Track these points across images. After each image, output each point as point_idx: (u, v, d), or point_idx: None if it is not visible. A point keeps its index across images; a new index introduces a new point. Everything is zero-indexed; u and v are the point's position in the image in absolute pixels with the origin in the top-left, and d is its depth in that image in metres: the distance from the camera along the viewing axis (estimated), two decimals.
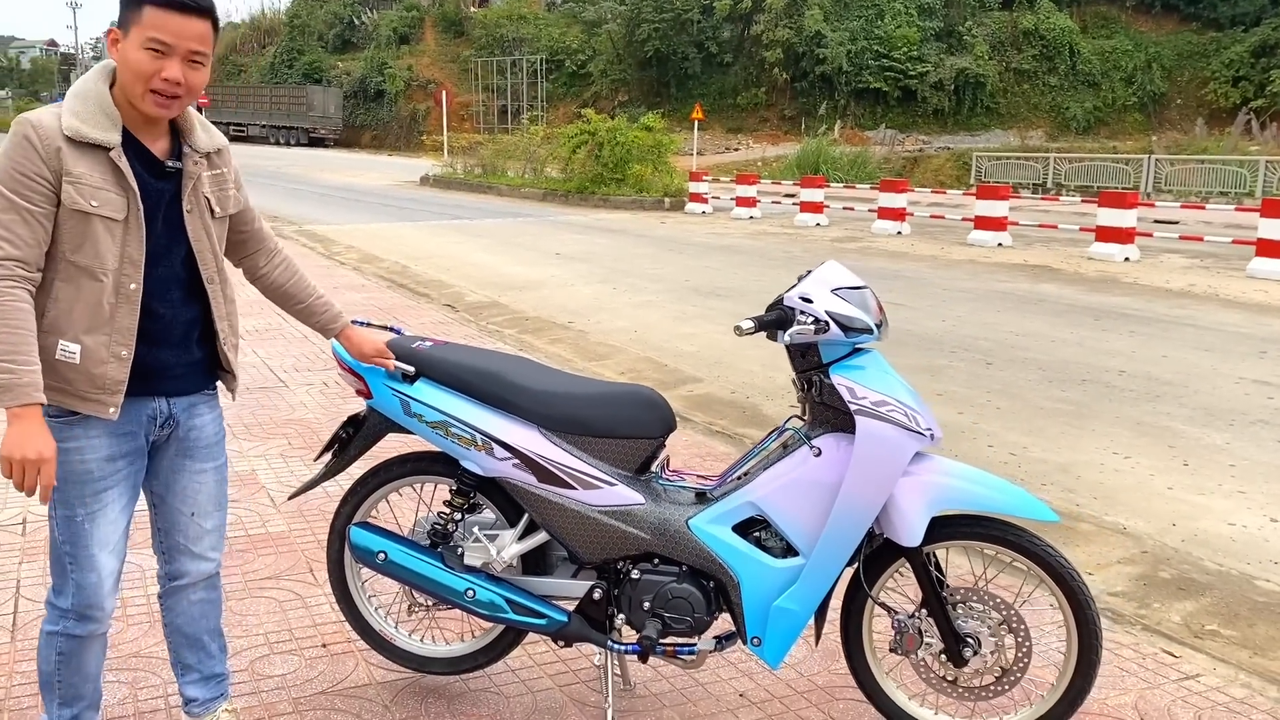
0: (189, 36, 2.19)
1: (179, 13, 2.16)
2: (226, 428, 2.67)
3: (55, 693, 2.49)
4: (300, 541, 4.14)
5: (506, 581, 2.87)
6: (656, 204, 22.46)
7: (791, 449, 2.72)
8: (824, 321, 2.56)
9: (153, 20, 2.15)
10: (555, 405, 2.78)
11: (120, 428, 2.35)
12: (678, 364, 7.83)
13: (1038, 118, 39.40)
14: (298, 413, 6.01)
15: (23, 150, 2.17)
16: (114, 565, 2.41)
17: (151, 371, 2.36)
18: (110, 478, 2.36)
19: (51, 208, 2.19)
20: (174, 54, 2.19)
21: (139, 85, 2.20)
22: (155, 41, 2.17)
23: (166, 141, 2.34)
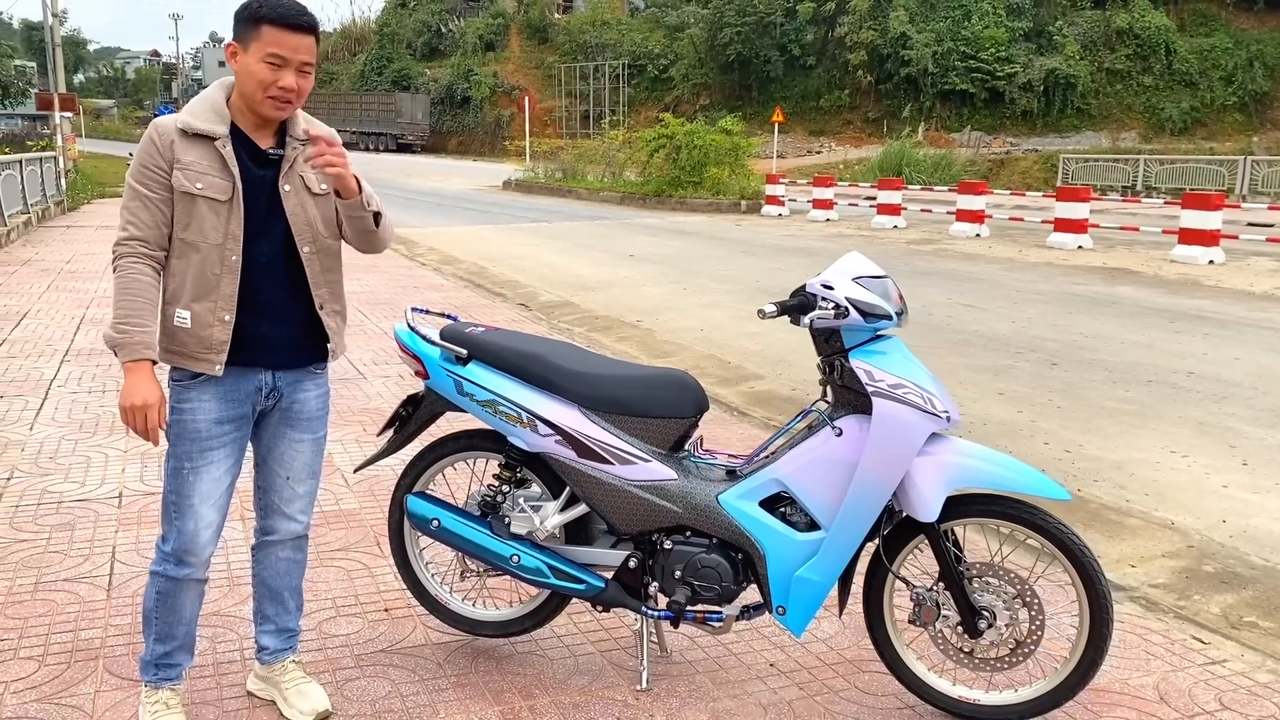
0: (299, 50, 2.54)
1: (292, 31, 2.51)
2: None
3: (153, 628, 2.79)
4: (369, 518, 4.43)
5: (549, 549, 3.09)
6: (732, 206, 22.59)
7: (815, 429, 2.89)
8: (844, 307, 2.73)
9: (271, 38, 2.50)
10: (595, 386, 2.99)
11: (229, 395, 2.68)
12: (741, 361, 7.99)
13: (1131, 119, 38.47)
14: (374, 402, 6.33)
15: (146, 147, 2.55)
16: (213, 518, 2.73)
17: (253, 342, 2.66)
18: (217, 439, 2.68)
19: (168, 194, 2.55)
20: (288, 65, 2.53)
21: (260, 92, 2.54)
22: (273, 56, 2.51)
23: (273, 139, 2.67)
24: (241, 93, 2.58)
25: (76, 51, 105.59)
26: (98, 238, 16.46)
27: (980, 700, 2.94)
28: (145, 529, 4.27)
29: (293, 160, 2.67)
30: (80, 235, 16.95)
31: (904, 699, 3.05)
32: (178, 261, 2.58)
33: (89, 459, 5.20)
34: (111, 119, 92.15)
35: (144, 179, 2.54)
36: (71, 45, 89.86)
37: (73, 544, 4.11)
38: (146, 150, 2.54)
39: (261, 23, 2.50)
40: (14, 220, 16.65)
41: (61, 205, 21.67)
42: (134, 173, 2.55)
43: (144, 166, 2.54)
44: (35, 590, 3.69)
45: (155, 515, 4.43)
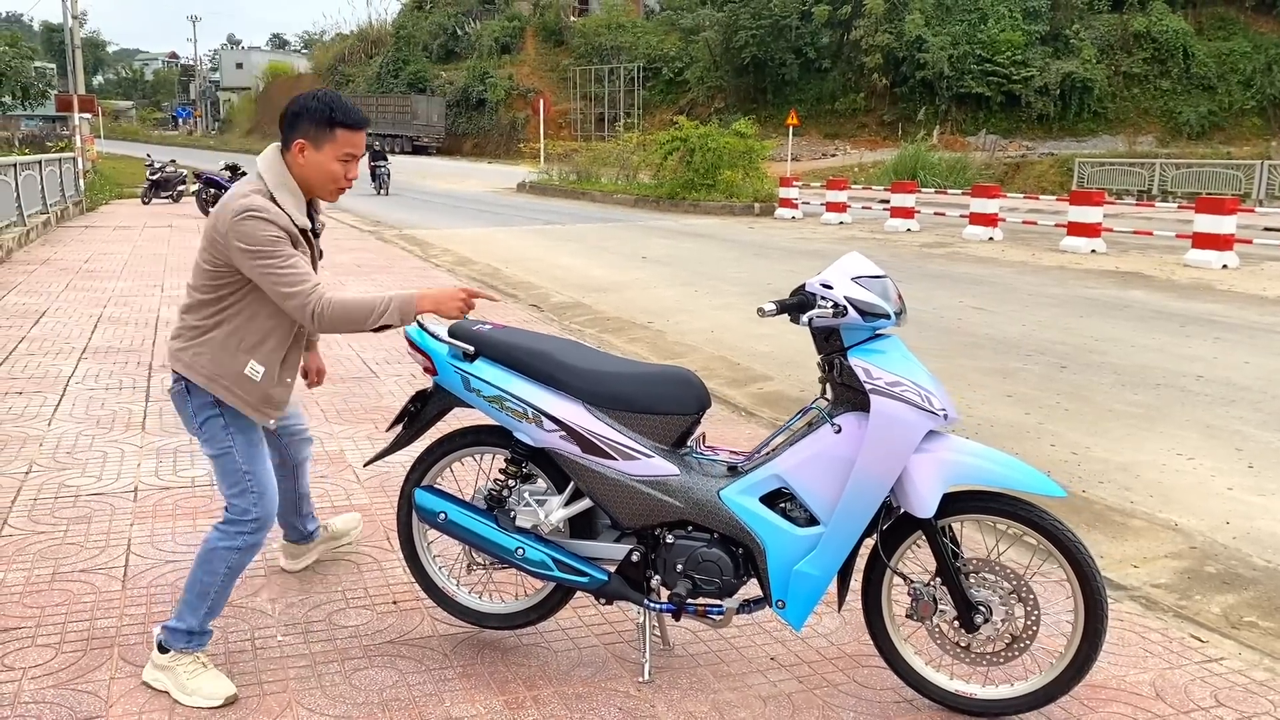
0: (362, 144, 3.02)
1: (360, 130, 3.00)
2: (320, 413, 3.02)
3: (209, 600, 3.03)
4: (380, 513, 4.50)
5: (554, 543, 3.15)
6: (746, 209, 22.63)
7: (815, 426, 2.94)
8: (843, 306, 2.78)
9: (345, 139, 2.96)
10: (599, 383, 3.05)
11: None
12: (750, 363, 8.04)
13: (1148, 122, 38.30)
14: (385, 400, 6.41)
15: (268, 226, 2.87)
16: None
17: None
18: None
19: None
20: (355, 160, 3.02)
21: (331, 184, 3.02)
22: (347, 154, 2.99)
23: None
24: (306, 181, 3.00)
25: (96, 53, 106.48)
26: (115, 238, 16.63)
27: (977, 694, 2.98)
28: (160, 522, 4.35)
29: (320, 229, 3.18)
30: (98, 235, 17.13)
31: (902, 693, 3.10)
32: (270, 321, 3.01)
33: (105, 454, 5.29)
34: (130, 120, 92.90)
35: (281, 246, 2.87)
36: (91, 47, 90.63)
37: (89, 536, 4.20)
38: (270, 229, 2.86)
39: (336, 126, 2.94)
40: (33, 220, 16.83)
41: (80, 205, 21.88)
42: (272, 241, 2.85)
43: (278, 238, 2.87)
44: (53, 580, 3.77)
45: (170, 509, 4.51)
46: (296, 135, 2.95)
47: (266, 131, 72.17)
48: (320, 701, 2.99)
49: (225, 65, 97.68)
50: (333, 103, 2.94)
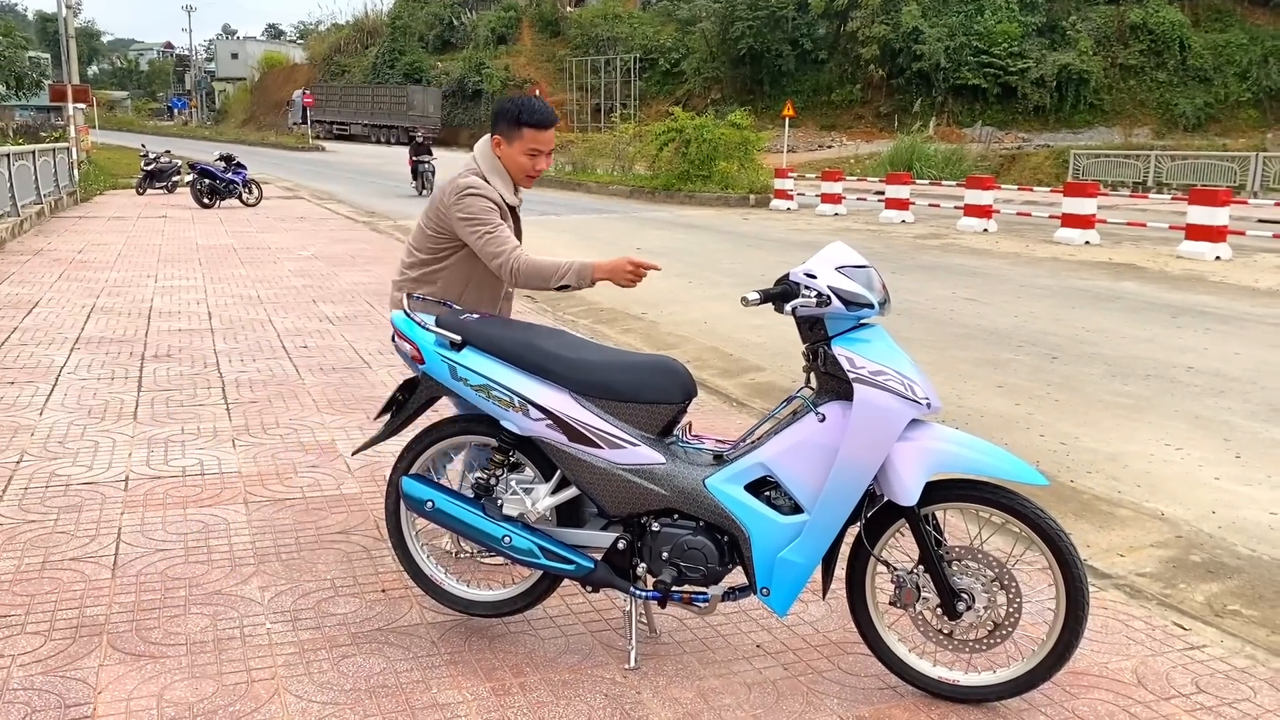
0: (549, 141, 3.54)
1: (544, 129, 3.49)
2: (312, 403, 3.02)
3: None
4: (370, 502, 4.51)
5: (541, 531, 3.16)
6: (741, 201, 22.64)
7: (799, 415, 2.96)
8: (826, 296, 2.79)
9: (530, 136, 3.47)
10: (585, 372, 3.07)
11: None
12: (743, 354, 8.06)
13: (1144, 114, 38.30)
14: (378, 390, 6.42)
15: (483, 201, 3.44)
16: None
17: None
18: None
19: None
20: (542, 154, 3.52)
21: (521, 174, 3.54)
22: (533, 149, 3.49)
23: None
24: (508, 170, 3.55)
25: (90, 43, 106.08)
26: (109, 229, 16.62)
27: (960, 681, 3.01)
28: (150, 511, 4.37)
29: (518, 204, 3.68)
30: (92, 226, 17.10)
31: (886, 680, 3.12)
32: (468, 276, 3.58)
33: (97, 443, 5.30)
34: (125, 111, 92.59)
35: (493, 216, 3.42)
36: (85, 37, 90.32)
37: (79, 525, 4.21)
38: (485, 202, 3.42)
39: (523, 125, 3.45)
40: (27, 210, 16.81)
41: (74, 196, 21.84)
42: (486, 211, 3.41)
43: (490, 209, 3.43)
44: (42, 569, 3.79)
45: (160, 498, 4.53)
46: (495, 131, 3.52)
47: (262, 122, 72.08)
48: (308, 689, 3.01)
49: (220, 55, 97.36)
50: (522, 105, 3.47)
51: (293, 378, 6.75)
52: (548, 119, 3.49)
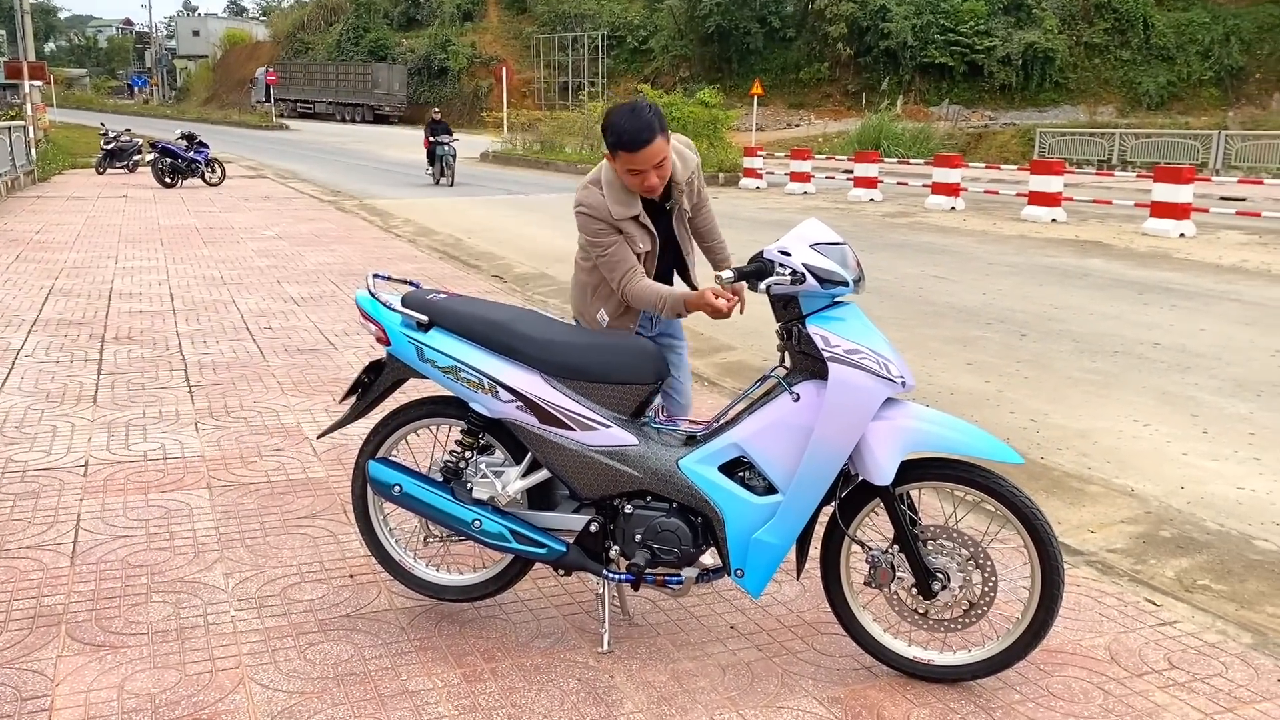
0: (650, 159, 3.16)
1: (635, 150, 3.13)
2: (277, 385, 2.94)
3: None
4: (337, 486, 4.44)
5: (511, 514, 3.11)
6: (710, 179, 22.55)
7: (773, 395, 2.92)
8: (801, 274, 2.75)
9: (625, 158, 3.16)
10: (555, 352, 3.01)
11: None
12: (714, 332, 8.01)
13: (1109, 93, 38.53)
14: (344, 372, 6.33)
15: (591, 220, 3.30)
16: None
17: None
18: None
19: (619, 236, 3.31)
20: (646, 171, 3.19)
21: (635, 190, 3.27)
22: (632, 170, 3.19)
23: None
24: (624, 182, 3.30)
25: (46, 19, 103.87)
26: (68, 209, 16.30)
27: (935, 660, 2.99)
28: (110, 497, 4.27)
29: (678, 201, 3.42)
30: (50, 206, 16.77)
31: (861, 660, 3.10)
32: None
33: (55, 428, 5.18)
34: (84, 89, 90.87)
35: (603, 236, 3.29)
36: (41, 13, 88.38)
37: (37, 512, 4.11)
38: (593, 222, 3.29)
39: (617, 149, 3.16)
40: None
41: (32, 176, 21.42)
42: (595, 232, 3.30)
43: (599, 229, 3.29)
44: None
45: (121, 484, 4.43)
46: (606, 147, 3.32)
47: (225, 100, 71.02)
48: (274, 677, 2.94)
49: (182, 33, 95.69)
50: (610, 125, 3.17)
51: (257, 360, 6.63)
52: (634, 140, 3.11)
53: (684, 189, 3.41)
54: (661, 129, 3.14)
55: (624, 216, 3.29)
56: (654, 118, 3.14)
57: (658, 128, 3.13)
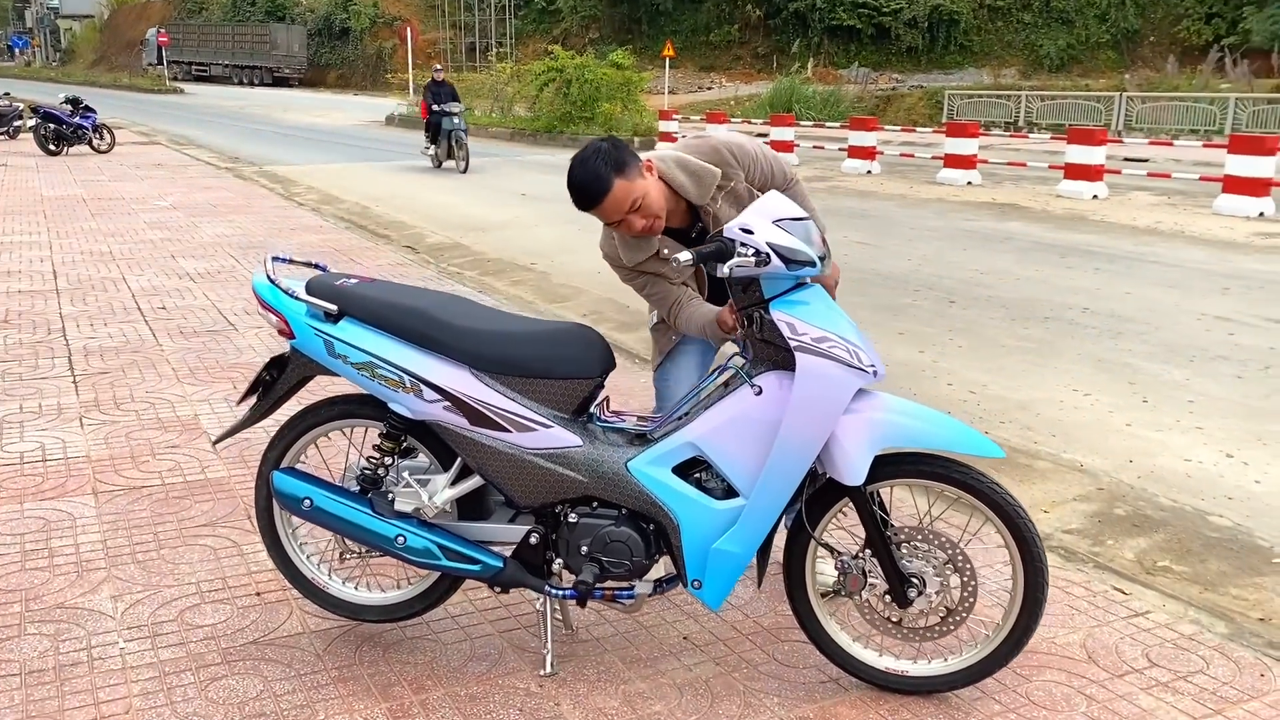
0: (614, 211, 2.82)
1: (595, 206, 2.81)
2: (171, 371, 2.56)
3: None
4: (240, 487, 4.03)
5: (440, 527, 2.77)
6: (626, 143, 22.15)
7: (732, 388, 2.63)
8: (765, 254, 2.45)
9: (596, 213, 2.85)
10: (486, 344, 2.67)
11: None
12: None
13: (1011, 56, 39.01)
14: (245, 356, 5.86)
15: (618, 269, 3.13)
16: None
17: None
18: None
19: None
20: (622, 223, 2.85)
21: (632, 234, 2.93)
22: (607, 222, 2.91)
23: (683, 216, 3.03)
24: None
25: None
26: None
27: (908, 671, 2.75)
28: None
29: (714, 217, 2.96)
30: None
31: (827, 671, 2.86)
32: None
33: None
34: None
35: (633, 280, 3.12)
36: None
37: None
38: (617, 270, 3.13)
39: (578, 208, 2.85)
40: None
41: None
42: (624, 278, 3.14)
43: (626, 276, 3.12)
44: None
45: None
46: None
47: (114, 62, 67.77)
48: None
49: None
50: (568, 183, 2.83)
51: (149, 343, 6.12)
52: (585, 196, 2.80)
53: (715, 205, 2.96)
54: (618, 170, 2.77)
55: (639, 260, 3.01)
56: (603, 164, 2.76)
57: (609, 174, 2.75)
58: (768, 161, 3.07)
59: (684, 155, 2.99)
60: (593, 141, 2.87)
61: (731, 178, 2.99)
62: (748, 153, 3.02)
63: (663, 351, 3.28)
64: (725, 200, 2.98)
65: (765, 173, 3.06)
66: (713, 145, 3.01)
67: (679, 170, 2.95)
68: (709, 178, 2.95)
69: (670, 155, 3.00)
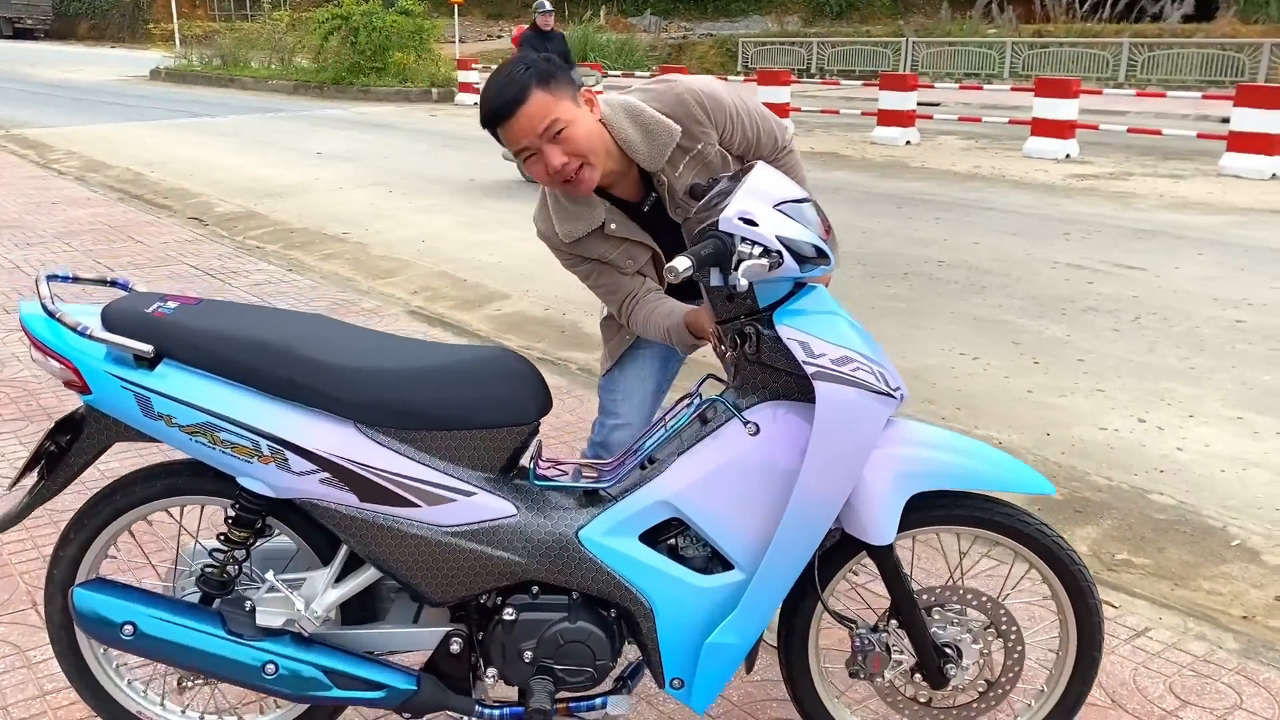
0: (527, 131, 2.12)
1: (506, 121, 2.12)
2: None
3: None
4: (19, 562, 3.08)
5: (323, 644, 2.01)
6: (424, 95, 20.89)
7: (715, 425, 1.98)
8: (776, 251, 1.81)
9: (503, 138, 2.16)
10: (377, 388, 1.91)
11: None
12: (479, 278, 6.91)
13: (793, 3, 39.51)
14: (9, 370, 4.74)
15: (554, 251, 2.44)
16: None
17: None
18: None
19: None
20: (537, 150, 2.14)
21: (548, 183, 2.24)
22: (521, 154, 2.17)
23: (634, 185, 2.34)
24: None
25: None
26: None
27: None
28: None
29: (668, 186, 2.31)
30: None
31: None
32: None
33: None
34: None
35: (574, 265, 2.45)
36: None
37: None
38: (554, 252, 2.45)
39: (486, 126, 2.18)
40: None
41: None
42: (566, 263, 2.45)
43: (566, 260, 2.44)
44: None
45: None
46: None
47: None
48: None
49: None
50: (483, 93, 2.19)
51: None
52: (496, 109, 2.12)
53: (673, 173, 2.29)
54: (541, 81, 2.10)
55: (577, 235, 2.33)
56: (525, 71, 2.11)
57: (529, 81, 2.09)
58: (752, 121, 2.38)
59: (637, 102, 2.29)
60: (526, 54, 2.22)
61: (698, 138, 2.30)
62: (723, 107, 2.32)
63: (613, 355, 2.59)
64: (688, 168, 2.30)
65: (748, 136, 2.38)
66: (677, 94, 2.30)
67: (627, 120, 2.25)
68: (665, 135, 2.26)
69: (622, 100, 2.31)
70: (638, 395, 2.55)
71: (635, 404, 2.55)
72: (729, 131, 2.33)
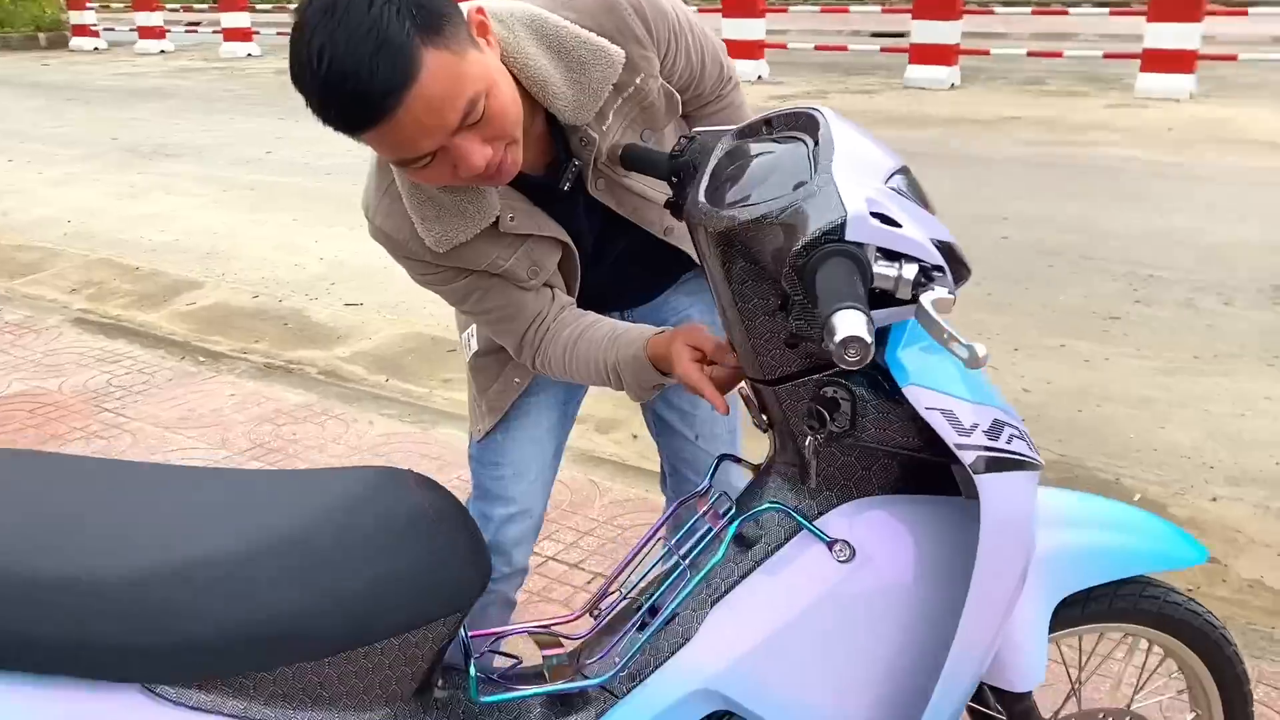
0: (428, 131, 1.18)
1: (373, 130, 1.17)
2: None
3: None
4: None
5: None
6: (28, 42, 17.84)
7: (769, 547, 1.18)
8: (936, 267, 1.02)
9: (370, 142, 1.23)
10: (173, 612, 0.94)
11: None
12: (154, 264, 5.52)
13: None
14: None
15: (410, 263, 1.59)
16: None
17: None
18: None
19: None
20: (438, 152, 1.22)
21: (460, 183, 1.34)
22: (403, 165, 1.27)
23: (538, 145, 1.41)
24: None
25: None
26: None
27: None
28: None
29: (597, 150, 1.42)
30: None
31: None
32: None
33: None
34: None
35: (444, 282, 1.50)
36: None
37: None
38: (409, 264, 1.51)
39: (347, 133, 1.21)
40: None
41: None
42: (426, 281, 1.52)
43: (428, 276, 1.49)
44: None
45: None
46: None
47: None
48: None
49: None
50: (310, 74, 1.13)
51: None
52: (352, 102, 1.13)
53: (602, 125, 1.40)
54: (427, 28, 1.12)
55: (457, 240, 1.40)
56: (395, 13, 1.11)
57: (411, 36, 1.11)
58: (695, 39, 1.49)
59: (546, 14, 1.36)
60: None
61: (639, 68, 1.41)
62: (664, 14, 1.43)
63: (496, 411, 1.65)
64: (620, 116, 1.42)
65: (691, 61, 1.49)
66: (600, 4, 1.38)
67: (536, 46, 1.34)
68: (601, 67, 1.35)
69: (523, 11, 1.36)
70: (534, 467, 1.68)
71: (532, 481, 1.67)
72: (672, 53, 1.46)
